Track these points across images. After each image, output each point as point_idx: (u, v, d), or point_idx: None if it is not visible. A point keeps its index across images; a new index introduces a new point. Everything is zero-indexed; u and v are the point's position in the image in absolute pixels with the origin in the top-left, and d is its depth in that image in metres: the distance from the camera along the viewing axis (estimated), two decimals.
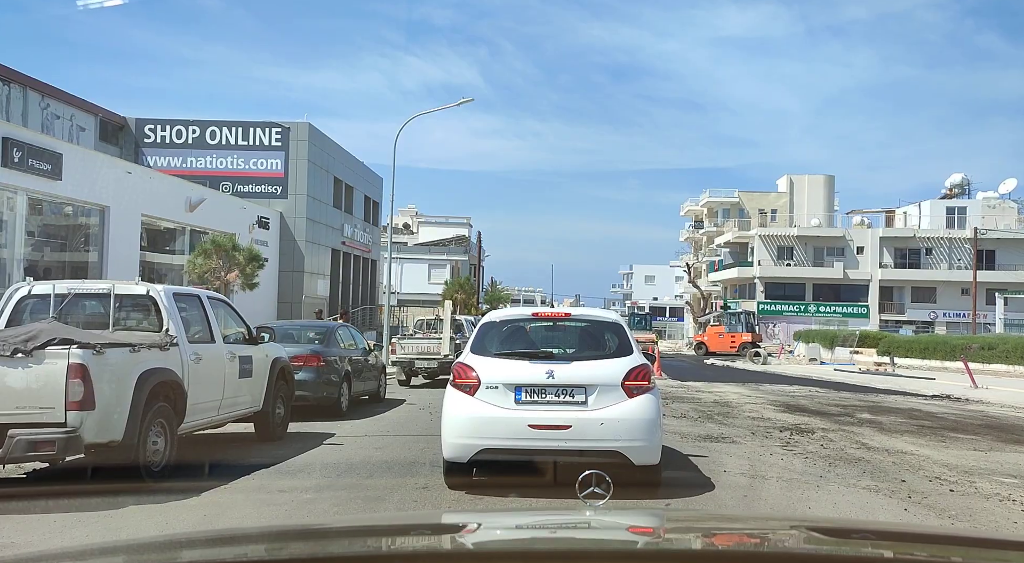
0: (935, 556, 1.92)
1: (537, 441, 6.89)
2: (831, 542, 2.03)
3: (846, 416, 14.98)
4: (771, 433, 12.04)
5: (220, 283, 20.05)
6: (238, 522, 6.21)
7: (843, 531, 2.23)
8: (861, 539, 2.05)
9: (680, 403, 16.94)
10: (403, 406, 15.58)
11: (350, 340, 15.15)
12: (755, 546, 2.02)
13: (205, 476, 7.65)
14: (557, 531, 2.21)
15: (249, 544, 2.02)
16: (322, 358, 13.31)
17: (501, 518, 2.86)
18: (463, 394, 7.10)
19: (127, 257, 23.57)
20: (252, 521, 6.23)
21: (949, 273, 60.94)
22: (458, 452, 7.09)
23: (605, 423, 6.84)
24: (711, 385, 23.35)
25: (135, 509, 6.46)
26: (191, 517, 6.31)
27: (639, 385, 7.03)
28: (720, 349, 48.67)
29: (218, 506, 6.74)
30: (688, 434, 11.72)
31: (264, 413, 10.01)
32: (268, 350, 10.21)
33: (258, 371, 9.77)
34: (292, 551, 1.94)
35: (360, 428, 12.15)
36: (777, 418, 14.26)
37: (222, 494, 7.14)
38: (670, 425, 12.81)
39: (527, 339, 7.88)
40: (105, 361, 6.64)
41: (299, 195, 36.63)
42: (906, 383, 25.90)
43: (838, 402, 18.29)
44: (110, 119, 34.99)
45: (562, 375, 6.99)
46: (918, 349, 35.32)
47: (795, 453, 10.04)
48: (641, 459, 6.92)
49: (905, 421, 14.38)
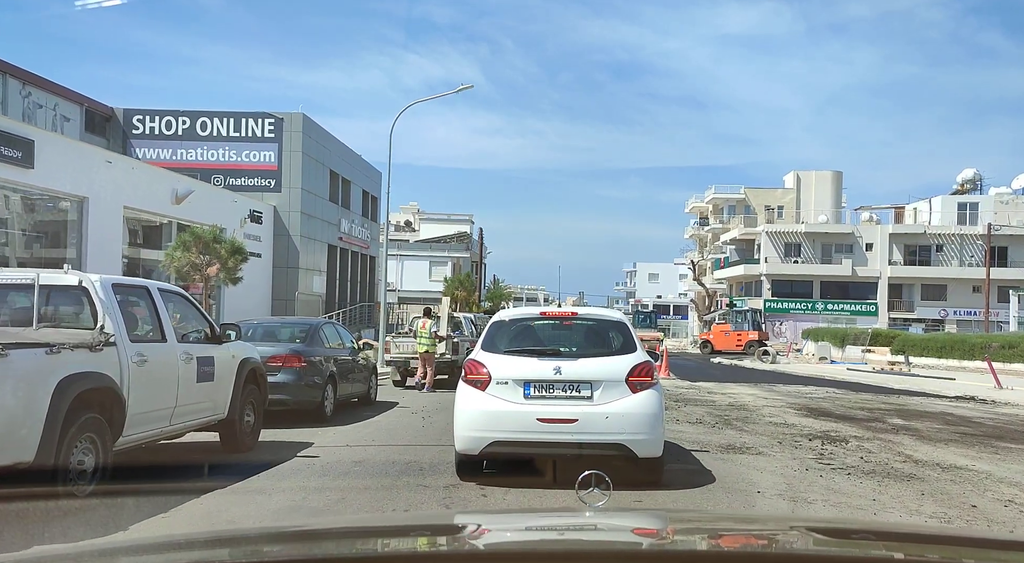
0: (935, 556, 1.89)
1: (545, 434, 7.16)
2: (831, 542, 2.02)
3: (876, 421, 13.74)
4: (799, 442, 10.81)
5: (200, 278, 18.83)
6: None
7: (843, 531, 2.23)
8: (861, 539, 2.05)
9: (694, 406, 15.73)
10: (394, 410, 14.38)
11: (336, 339, 13.95)
12: (755, 546, 2.02)
13: (130, 506, 6.36)
14: (565, 532, 2.19)
15: (249, 545, 1.99)
16: (303, 358, 12.11)
17: (507, 519, 2.82)
18: (475, 389, 7.39)
19: (109, 252, 22.35)
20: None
21: (960, 270, 59.60)
22: (470, 445, 7.36)
23: (610, 417, 7.12)
24: (723, 386, 22.16)
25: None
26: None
27: (642, 381, 7.31)
28: (726, 348, 47.81)
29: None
30: (708, 444, 10.49)
31: (230, 421, 8.80)
32: (235, 350, 9.00)
33: (222, 374, 8.56)
34: (292, 552, 1.92)
35: (343, 436, 10.95)
36: (801, 424, 13.04)
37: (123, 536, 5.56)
38: (686, 432, 11.64)
39: (535, 337, 8.15)
40: (8, 365, 5.42)
41: (293, 188, 35.38)
42: (925, 383, 24.76)
43: (861, 405, 17.06)
44: (97, 109, 33.74)
45: (569, 371, 7.27)
46: (935, 348, 34.05)
47: (834, 468, 8.80)
48: (644, 451, 7.20)
49: (942, 427, 13.16)
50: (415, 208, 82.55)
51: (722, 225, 72.71)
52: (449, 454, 8.25)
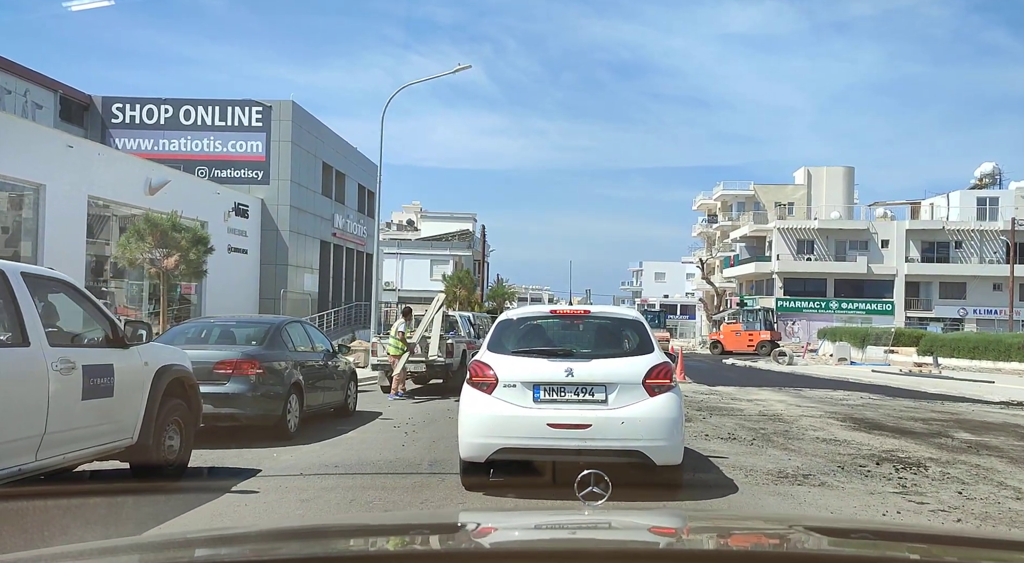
0: (935, 556, 1.84)
1: (556, 440, 6.73)
2: (831, 542, 1.97)
3: (941, 437, 11.66)
4: (867, 468, 8.72)
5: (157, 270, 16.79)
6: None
7: (843, 531, 2.19)
8: (861, 539, 2.02)
9: (721, 417, 13.67)
10: (374, 423, 12.35)
11: (304, 340, 11.91)
12: (754, 546, 1.99)
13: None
14: (577, 531, 2.15)
15: (249, 543, 1.95)
16: (259, 364, 10.07)
17: (516, 518, 2.78)
18: (480, 392, 6.96)
19: (70, 245, 20.35)
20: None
21: (980, 267, 57.45)
22: (475, 451, 6.96)
23: (626, 422, 6.70)
24: (744, 391, 20.13)
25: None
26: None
27: (661, 383, 6.88)
28: (737, 348, 46.31)
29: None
30: (754, 470, 8.43)
31: (141, 447, 6.77)
32: (149, 356, 6.96)
33: (126, 387, 6.53)
34: (293, 550, 1.86)
35: (303, 458, 8.92)
36: (855, 440, 10.96)
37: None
38: (721, 452, 9.64)
39: (545, 337, 7.70)
40: None
41: (282, 180, 33.38)
42: (962, 387, 22.74)
43: (909, 414, 14.98)
44: (73, 97, 31.76)
45: (582, 373, 6.85)
46: (966, 349, 31.88)
47: (932, 510, 6.70)
48: (663, 459, 6.76)
49: (1022, 444, 11.10)
50: (417, 207, 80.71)
51: (731, 222, 70.62)
52: (430, 486, 7.23)
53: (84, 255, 21.28)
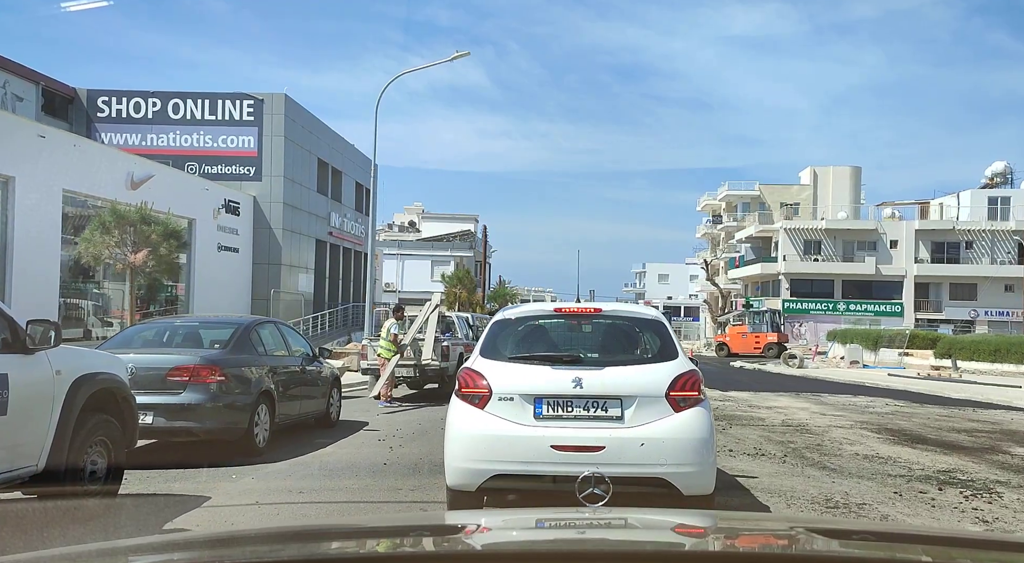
0: (935, 556, 1.82)
1: (562, 465, 5.61)
2: (831, 543, 1.94)
3: (994, 452, 10.35)
4: (928, 493, 7.43)
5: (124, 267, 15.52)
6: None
7: (843, 531, 2.16)
8: (861, 539, 2.00)
9: (741, 427, 12.39)
10: (357, 435, 11.07)
11: (278, 343, 10.62)
12: (753, 546, 1.96)
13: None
14: (586, 531, 2.13)
15: (249, 545, 1.91)
16: (221, 370, 8.78)
17: (516, 517, 2.67)
18: (471, 407, 5.87)
19: (43, 242, 19.11)
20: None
21: (992, 268, 56.08)
22: (464, 478, 5.82)
23: (647, 443, 5.64)
24: (760, 396, 18.88)
25: None
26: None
27: (687, 396, 5.80)
28: (743, 350, 45.30)
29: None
30: (795, 495, 7.14)
31: (51, 474, 5.50)
32: (62, 363, 5.68)
33: (28, 402, 5.26)
34: (292, 552, 1.84)
35: (266, 481, 7.65)
36: (901, 457, 9.66)
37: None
38: (751, 471, 8.39)
39: (548, 340, 6.63)
40: None
41: (275, 177, 32.10)
42: (988, 392, 21.48)
43: (947, 423, 13.68)
44: (56, 89, 30.49)
45: (592, 384, 5.79)
46: (987, 351, 30.53)
47: None
48: (691, 488, 5.63)
49: None
50: (419, 208, 79.63)
51: (736, 223, 69.41)
52: (409, 518, 5.64)
53: (58, 252, 20.01)
